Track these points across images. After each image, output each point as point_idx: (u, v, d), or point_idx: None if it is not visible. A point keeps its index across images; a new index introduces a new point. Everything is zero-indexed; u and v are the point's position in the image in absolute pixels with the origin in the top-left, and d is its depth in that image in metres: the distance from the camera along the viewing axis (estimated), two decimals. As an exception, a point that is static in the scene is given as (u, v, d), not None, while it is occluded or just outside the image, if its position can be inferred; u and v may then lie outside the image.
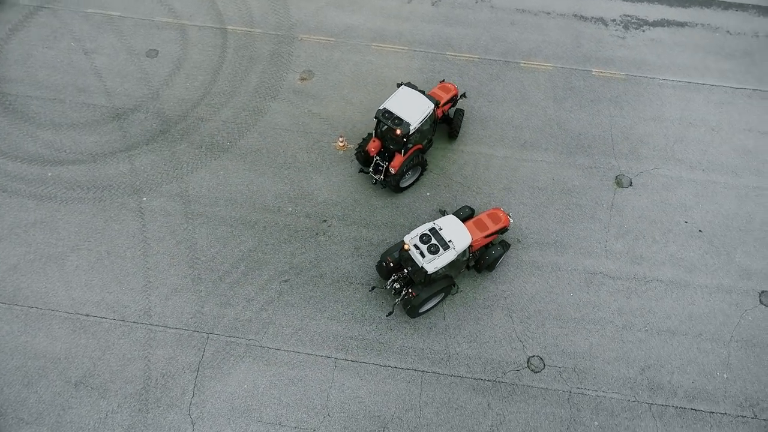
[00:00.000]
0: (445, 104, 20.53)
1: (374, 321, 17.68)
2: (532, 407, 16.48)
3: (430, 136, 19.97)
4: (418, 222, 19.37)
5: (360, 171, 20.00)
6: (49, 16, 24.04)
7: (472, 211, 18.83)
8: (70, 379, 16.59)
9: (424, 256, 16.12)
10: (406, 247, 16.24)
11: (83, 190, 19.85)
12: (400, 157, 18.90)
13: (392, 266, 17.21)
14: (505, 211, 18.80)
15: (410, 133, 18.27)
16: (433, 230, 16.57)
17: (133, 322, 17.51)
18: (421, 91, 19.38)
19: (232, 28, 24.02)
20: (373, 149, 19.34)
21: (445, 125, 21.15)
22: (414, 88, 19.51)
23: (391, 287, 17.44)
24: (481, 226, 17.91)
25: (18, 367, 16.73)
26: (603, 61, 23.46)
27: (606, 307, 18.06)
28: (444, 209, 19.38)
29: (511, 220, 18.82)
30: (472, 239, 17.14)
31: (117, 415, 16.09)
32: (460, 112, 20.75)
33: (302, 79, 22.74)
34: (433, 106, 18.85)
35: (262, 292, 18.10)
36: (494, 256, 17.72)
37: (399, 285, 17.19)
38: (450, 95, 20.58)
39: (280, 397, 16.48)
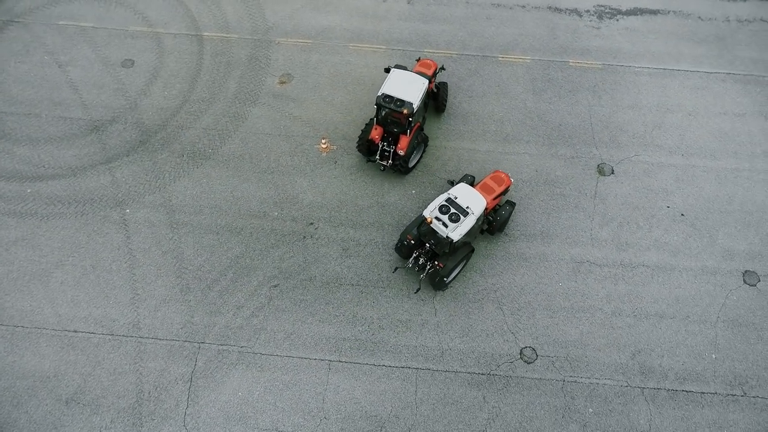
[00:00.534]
0: (432, 78, 20.97)
1: (366, 321, 17.68)
2: (527, 398, 16.61)
3: (425, 113, 20.58)
4: (405, 220, 19.42)
5: (368, 161, 20.28)
6: (20, 30, 23.65)
7: (473, 178, 19.45)
8: (61, 397, 16.35)
9: (447, 226, 16.73)
10: (429, 221, 16.71)
11: (64, 204, 19.56)
12: (405, 138, 19.37)
13: (413, 243, 17.56)
14: (504, 172, 19.58)
15: (415, 111, 18.78)
16: (449, 200, 17.23)
17: (123, 336, 17.31)
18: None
19: (208, 34, 23.84)
20: (377, 136, 19.66)
21: (430, 101, 21.53)
22: (404, 68, 20.08)
23: (414, 264, 17.92)
24: (488, 190, 18.56)
25: (6, 387, 16.45)
26: (579, 51, 23.69)
27: (594, 294, 18.26)
28: (452, 179, 19.81)
29: (512, 180, 19.55)
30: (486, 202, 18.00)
31: (111, 431, 15.89)
32: (444, 86, 21.26)
33: (281, 83, 22.64)
34: (426, 81, 19.52)
35: (252, 299, 18.00)
36: (505, 216, 18.43)
37: (423, 260, 17.61)
38: (432, 70, 21.03)
39: (276, 402, 16.41)
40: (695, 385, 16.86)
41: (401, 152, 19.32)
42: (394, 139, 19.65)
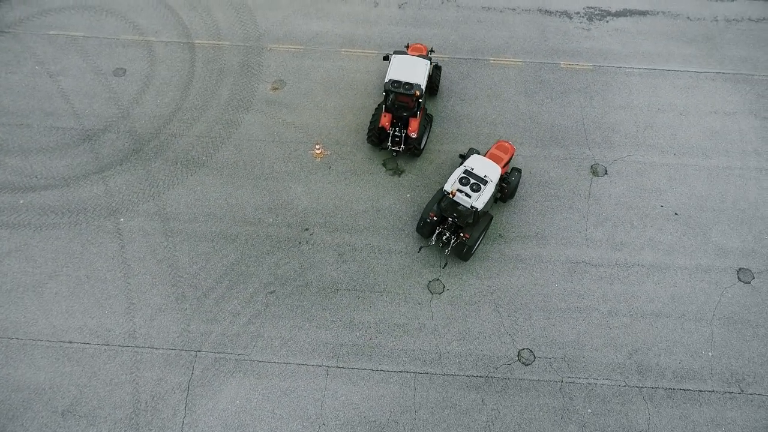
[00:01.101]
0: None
1: (363, 326, 17.64)
2: (526, 400, 16.61)
3: (426, 94, 21.23)
4: (400, 224, 19.43)
5: (382, 149, 20.75)
6: (10, 41, 23.55)
7: (478, 152, 19.99)
8: (57, 409, 16.20)
9: (470, 197, 17.38)
10: (453, 194, 17.27)
11: (57, 215, 19.45)
12: (415, 120, 19.94)
13: (435, 220, 18.07)
14: (507, 141, 20.48)
15: (424, 92, 19.61)
16: (467, 172, 17.92)
17: (119, 346, 17.19)
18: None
19: (200, 42, 23.82)
20: (387, 123, 20.08)
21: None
22: (403, 53, 20.86)
23: (438, 240, 18.46)
24: (496, 159, 19.22)
25: (1, 400, 16.28)
26: (570, 53, 23.83)
27: (590, 294, 18.30)
28: (462, 153, 20.18)
29: (515, 147, 20.35)
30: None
31: (108, 442, 15.78)
32: (438, 69, 21.68)
33: (274, 89, 22.64)
34: (428, 62, 20.36)
35: (249, 306, 17.93)
36: (515, 183, 19.31)
37: (447, 234, 18.13)
38: (425, 53, 21.53)
39: (274, 409, 16.33)
40: (693, 384, 16.91)
41: (413, 134, 19.87)
42: (404, 123, 20.18)
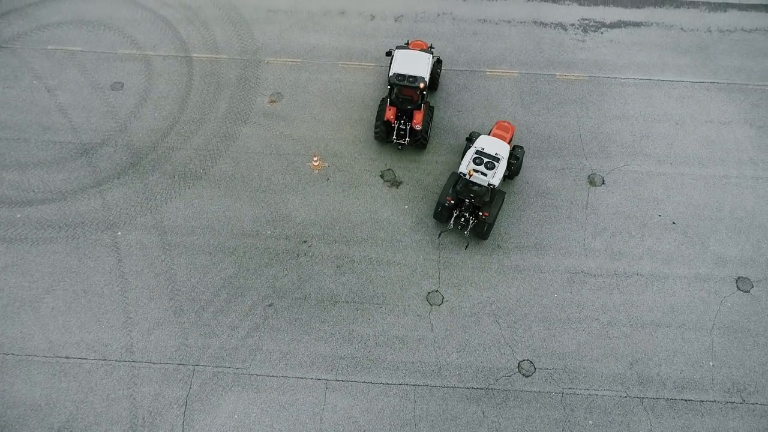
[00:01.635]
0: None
1: (362, 339, 17.54)
2: (527, 411, 16.48)
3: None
4: (399, 234, 19.40)
5: (389, 142, 21.17)
6: (8, 56, 23.62)
7: (480, 134, 20.34)
8: (53, 426, 16.01)
9: (486, 175, 18.08)
10: (470, 173, 17.91)
11: (54, 229, 19.37)
12: (419, 113, 20.41)
13: (453, 203, 18.61)
14: (506, 120, 21.30)
15: (428, 84, 20.20)
16: (478, 152, 18.59)
17: (116, 361, 17.04)
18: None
19: (197, 55, 23.92)
20: (392, 116, 20.48)
21: None
22: (405, 47, 21.42)
23: (457, 224, 19.15)
24: (500, 138, 19.90)
25: (-4, 418, 16.12)
26: (565, 64, 24.00)
27: (590, 305, 18.26)
28: (468, 136, 20.61)
29: (515, 126, 21.27)
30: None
31: (104, 459, 15.59)
32: (439, 62, 22.36)
33: (271, 102, 22.71)
34: (431, 56, 20.91)
35: (247, 319, 17.83)
36: (520, 160, 20.02)
37: (466, 216, 18.75)
38: (426, 48, 22.10)
39: (273, 424, 16.17)
40: (694, 394, 16.82)
41: (418, 127, 20.28)
42: (408, 116, 20.62)
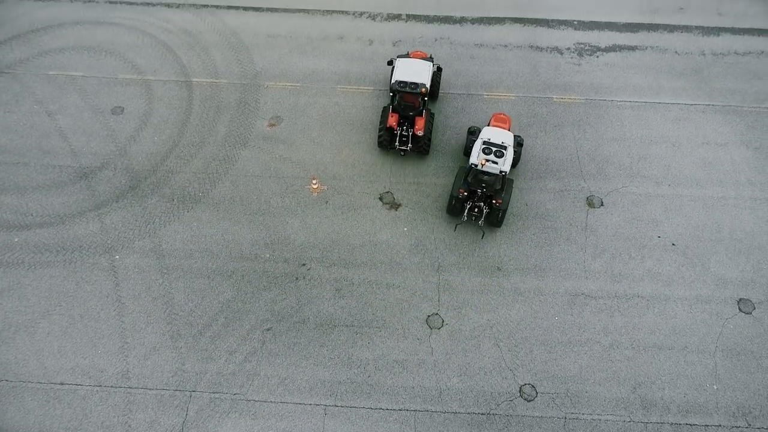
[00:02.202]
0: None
1: (361, 363, 17.33)
2: (529, 437, 16.21)
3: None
4: (398, 257, 19.33)
5: (392, 149, 21.63)
6: (9, 81, 23.81)
7: (479, 128, 21.29)
8: (46, 454, 15.71)
9: (496, 163, 18.82)
10: (483, 163, 18.58)
11: (52, 253, 19.27)
12: (420, 119, 21.07)
13: (466, 195, 19.22)
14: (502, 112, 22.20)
15: (428, 90, 20.93)
16: (486, 143, 19.40)
17: (111, 387, 16.79)
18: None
19: (197, 80, 24.14)
20: (395, 123, 21.02)
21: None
22: (406, 56, 22.16)
23: (470, 215, 19.59)
24: (501, 128, 20.64)
25: (-12, 446, 15.81)
26: (562, 87, 24.24)
27: (591, 327, 18.10)
28: (471, 129, 21.32)
29: (510, 117, 22.30)
30: None
31: (98, 489, 15.24)
32: (439, 70, 22.98)
33: (271, 125, 22.85)
34: (431, 64, 21.73)
35: (245, 343, 17.63)
36: (520, 149, 20.85)
37: (480, 206, 19.29)
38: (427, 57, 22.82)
39: (271, 451, 15.88)
40: (698, 418, 16.57)
41: (420, 133, 20.84)
42: (410, 123, 21.17)
